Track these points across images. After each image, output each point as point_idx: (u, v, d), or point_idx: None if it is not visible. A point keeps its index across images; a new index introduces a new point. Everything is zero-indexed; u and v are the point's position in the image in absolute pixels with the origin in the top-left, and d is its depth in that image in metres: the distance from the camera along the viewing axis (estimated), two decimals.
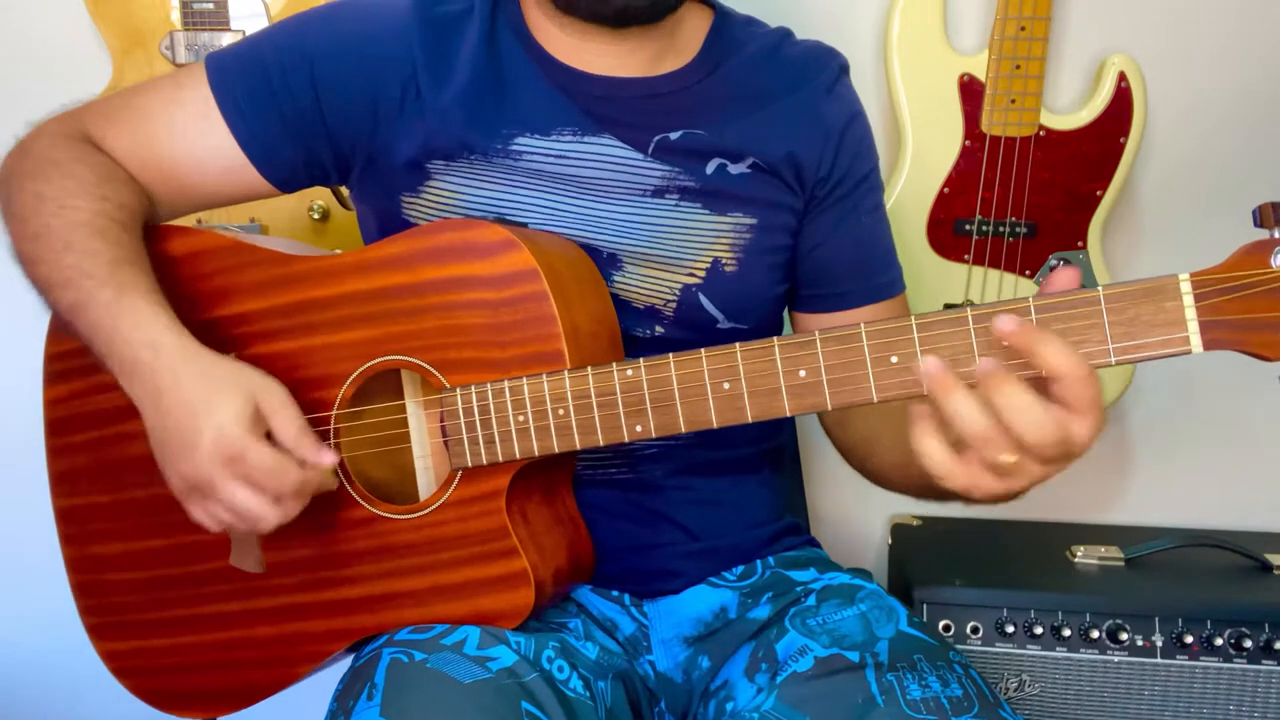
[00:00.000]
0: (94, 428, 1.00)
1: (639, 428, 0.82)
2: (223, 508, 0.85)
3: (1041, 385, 0.69)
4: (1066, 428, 0.68)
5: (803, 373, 0.77)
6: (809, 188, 1.01)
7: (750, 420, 0.79)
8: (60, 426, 1.03)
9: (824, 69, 1.03)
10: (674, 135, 0.97)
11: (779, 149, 0.99)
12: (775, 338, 0.78)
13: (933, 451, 0.71)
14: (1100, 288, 0.70)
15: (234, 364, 0.87)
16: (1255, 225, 0.69)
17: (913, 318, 0.73)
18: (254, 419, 0.84)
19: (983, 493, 0.72)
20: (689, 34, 1.01)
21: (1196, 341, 0.69)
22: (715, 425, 0.80)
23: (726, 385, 0.79)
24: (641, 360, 0.82)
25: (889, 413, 0.95)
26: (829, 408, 0.77)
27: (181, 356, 0.85)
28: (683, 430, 0.81)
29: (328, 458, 0.86)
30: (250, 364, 0.90)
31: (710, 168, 0.98)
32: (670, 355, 0.81)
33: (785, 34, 1.05)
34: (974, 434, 0.69)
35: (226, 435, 0.82)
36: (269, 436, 0.85)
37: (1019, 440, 0.68)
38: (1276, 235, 0.68)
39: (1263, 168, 1.47)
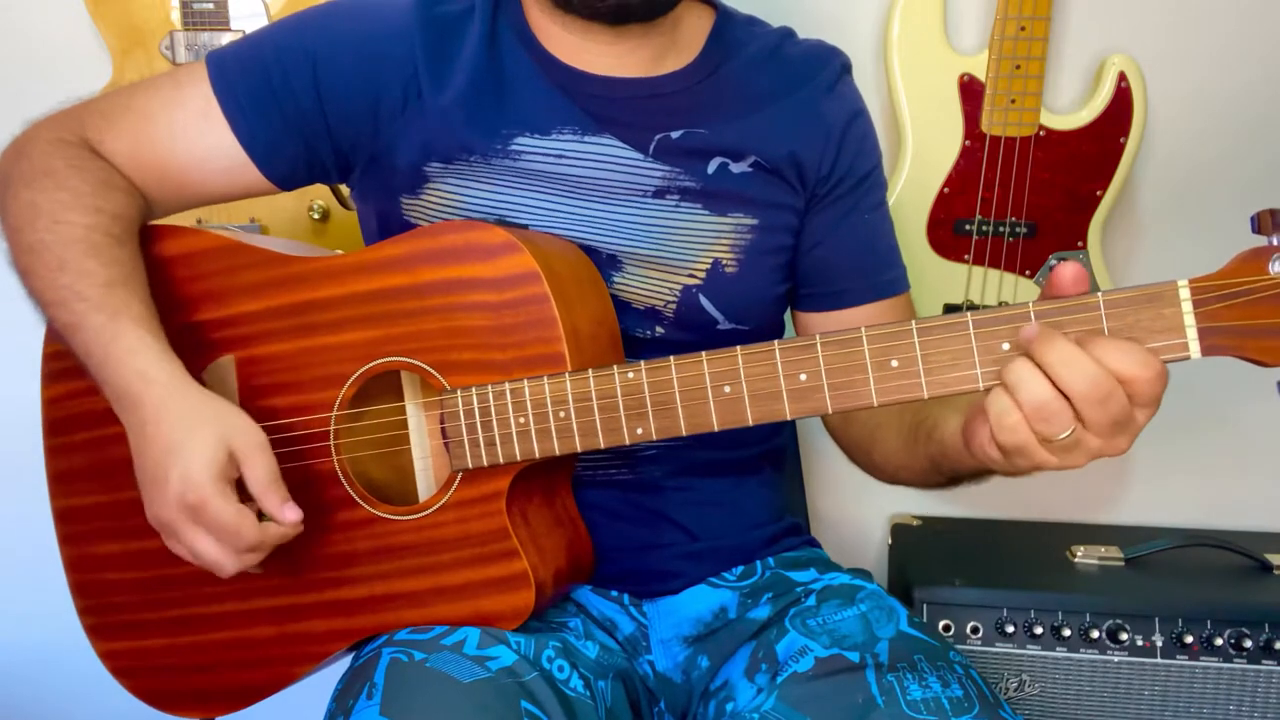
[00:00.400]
0: (92, 427, 1.00)
1: (640, 430, 0.82)
2: (185, 550, 0.87)
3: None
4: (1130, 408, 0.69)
5: (803, 376, 0.77)
6: (810, 187, 1.01)
7: (751, 424, 0.79)
8: (59, 426, 1.03)
9: (825, 68, 1.03)
10: (675, 135, 0.97)
11: (781, 148, 0.99)
12: (776, 341, 0.78)
13: (998, 398, 0.71)
14: (1100, 293, 0.70)
15: (218, 404, 0.87)
16: (1253, 232, 0.69)
17: (913, 323, 0.74)
18: (225, 465, 0.84)
19: (1028, 459, 0.72)
20: (690, 34, 1.01)
21: (1195, 347, 0.69)
22: (716, 428, 0.80)
23: (727, 388, 0.79)
24: (643, 363, 0.82)
25: (886, 414, 0.96)
26: (829, 411, 0.77)
27: (169, 391, 0.86)
28: (683, 433, 0.81)
29: (290, 514, 0.86)
30: (250, 369, 0.90)
31: (712, 167, 0.98)
32: (671, 358, 0.81)
33: (787, 33, 1.05)
34: (1032, 406, 0.69)
35: (191, 483, 0.83)
36: (241, 481, 0.86)
37: (1079, 404, 0.68)
38: (1274, 242, 0.68)
39: (1263, 167, 1.47)
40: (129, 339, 0.87)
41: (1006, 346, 0.72)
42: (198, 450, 0.84)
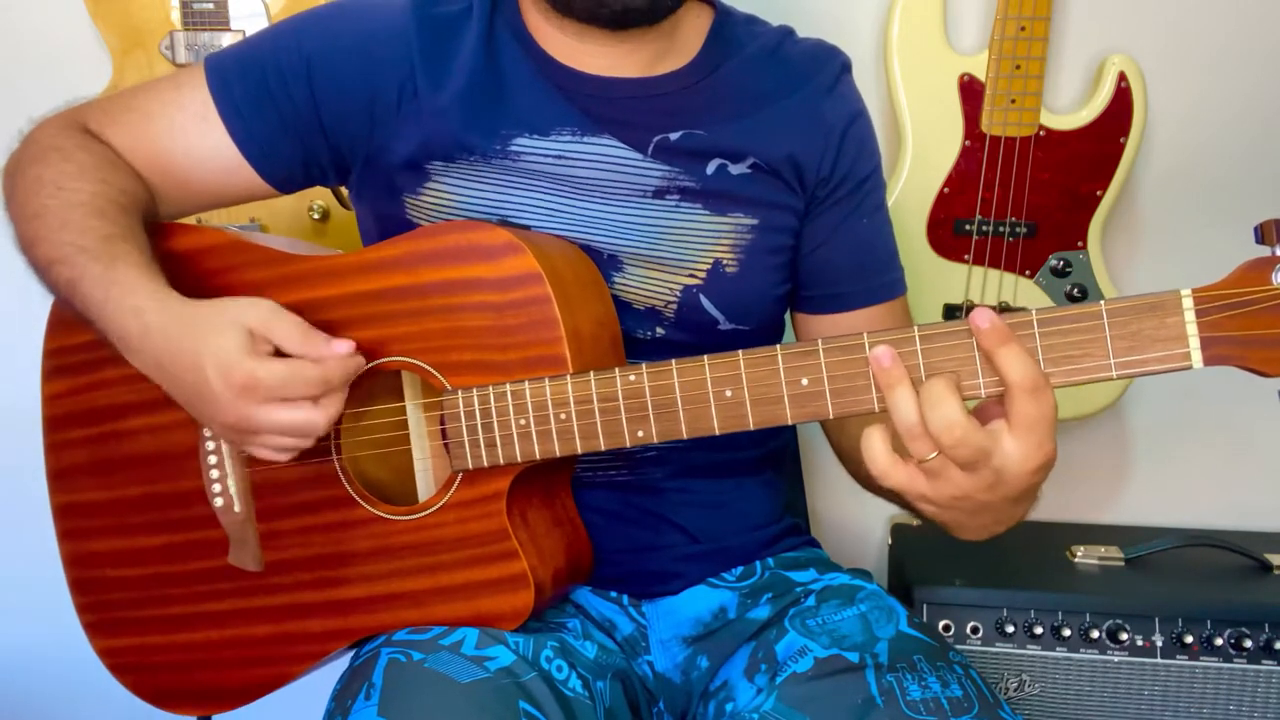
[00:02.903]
0: (92, 424, 1.00)
1: (641, 433, 0.82)
2: (272, 434, 0.84)
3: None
4: (997, 439, 0.71)
5: (805, 381, 0.77)
6: (810, 188, 1.01)
7: (752, 428, 0.79)
8: (59, 423, 1.03)
9: (825, 68, 1.03)
10: (674, 135, 0.97)
11: (780, 149, 0.99)
12: (778, 345, 0.78)
13: (873, 444, 0.73)
14: (1103, 302, 0.70)
15: (212, 304, 0.86)
16: (1256, 242, 0.69)
17: (916, 328, 0.74)
18: (251, 343, 0.83)
19: (916, 494, 0.75)
20: (689, 33, 1.01)
21: (1197, 357, 0.69)
22: (717, 431, 0.80)
23: (729, 392, 0.79)
24: (644, 365, 0.82)
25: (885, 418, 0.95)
26: (831, 416, 0.77)
27: (164, 314, 0.85)
28: (685, 436, 0.81)
29: (342, 346, 0.85)
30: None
31: (710, 168, 0.98)
32: (673, 361, 0.81)
33: (787, 33, 1.05)
34: (904, 426, 0.72)
35: (231, 368, 0.81)
36: (278, 352, 0.84)
37: (934, 437, 0.71)
38: (1278, 253, 0.68)
39: (1263, 167, 1.47)
40: (126, 281, 0.86)
41: (976, 339, 0.72)
42: (219, 343, 0.82)
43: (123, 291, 0.86)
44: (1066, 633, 1.27)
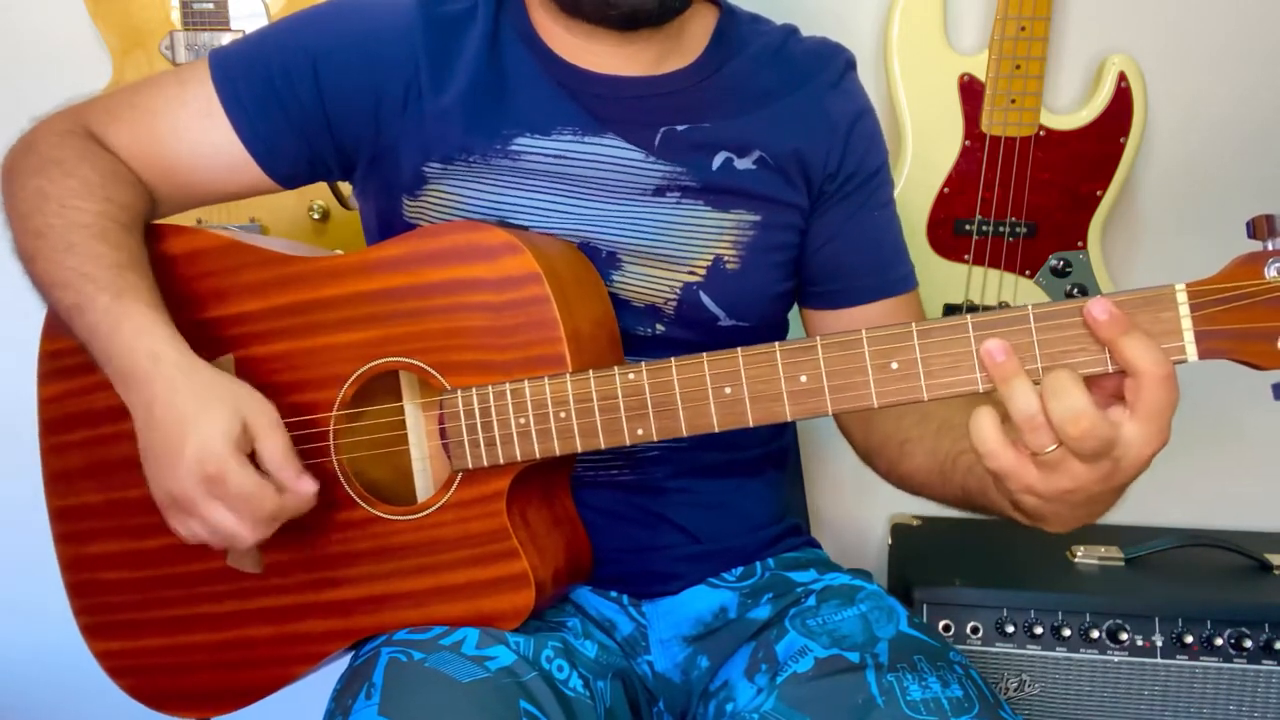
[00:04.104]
0: (89, 427, 1.00)
1: (641, 431, 0.82)
2: (200, 524, 0.86)
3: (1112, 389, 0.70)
4: (1118, 428, 0.68)
5: (804, 378, 0.77)
6: (816, 185, 1.01)
7: (751, 425, 0.79)
8: (55, 425, 1.03)
9: (829, 65, 1.03)
10: (680, 128, 0.97)
11: (785, 145, 0.99)
12: (777, 343, 0.78)
13: (983, 424, 0.70)
14: (1099, 296, 0.70)
15: (230, 381, 0.87)
16: (1249, 237, 0.70)
17: (913, 325, 0.74)
18: (240, 438, 0.84)
19: (1023, 485, 0.71)
20: (694, 32, 1.01)
21: (1192, 351, 0.70)
22: (717, 429, 0.80)
23: (728, 390, 0.79)
24: (644, 364, 0.82)
25: (925, 416, 0.95)
26: (830, 413, 0.77)
27: (179, 369, 0.85)
28: (684, 434, 0.81)
29: (308, 486, 0.86)
30: (250, 368, 0.89)
31: (716, 162, 0.98)
32: (672, 359, 0.81)
33: (791, 31, 1.05)
34: (1023, 416, 0.69)
35: (211, 453, 0.82)
36: (255, 455, 0.85)
37: (1058, 428, 0.68)
38: (1270, 247, 0.69)
39: (1263, 167, 1.47)
40: (138, 319, 0.87)
41: (1095, 329, 0.71)
42: (213, 423, 0.83)
43: (134, 329, 0.86)
44: (1066, 633, 1.27)
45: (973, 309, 1.42)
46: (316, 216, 1.43)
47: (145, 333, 0.86)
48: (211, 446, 0.82)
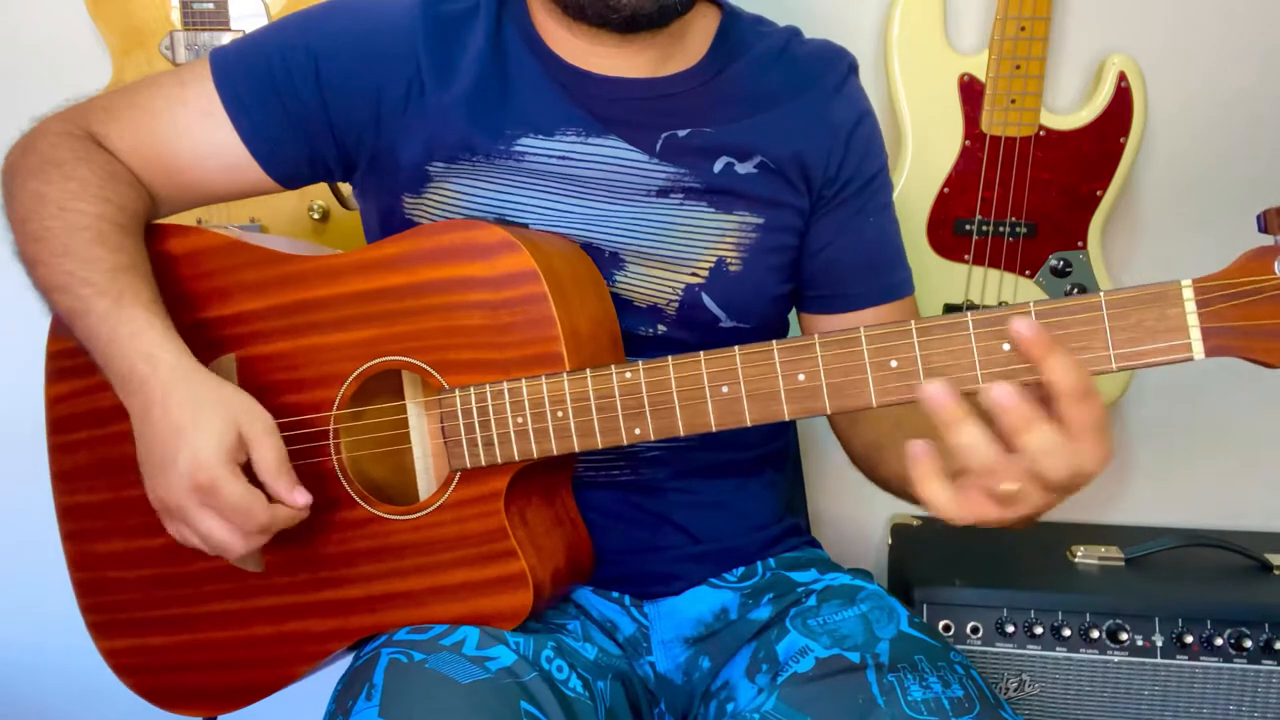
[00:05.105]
0: (95, 425, 1.00)
1: (638, 430, 0.82)
2: (191, 533, 0.86)
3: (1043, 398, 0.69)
4: (1079, 455, 0.68)
5: (801, 377, 0.77)
6: (816, 189, 1.01)
7: (749, 424, 0.79)
8: (62, 424, 1.03)
9: (832, 69, 1.03)
10: (681, 133, 0.97)
11: (786, 149, 0.99)
12: (774, 341, 0.78)
13: (936, 496, 0.71)
14: (1103, 293, 0.70)
15: (227, 388, 0.87)
16: (1260, 230, 0.68)
17: (912, 323, 0.73)
18: (234, 447, 0.84)
19: (982, 523, 0.72)
20: (696, 34, 1.01)
21: (1199, 348, 0.69)
22: (714, 429, 0.80)
23: (725, 389, 0.79)
24: (640, 363, 0.82)
25: (899, 422, 0.95)
26: (828, 412, 0.77)
27: (176, 374, 0.85)
28: (681, 433, 0.81)
29: (300, 498, 0.86)
30: (250, 368, 0.89)
31: (717, 166, 0.98)
32: (669, 358, 0.81)
33: (793, 33, 1.05)
34: (981, 465, 0.68)
35: (203, 463, 0.82)
36: (250, 464, 0.85)
37: (1039, 475, 0.67)
38: None
39: (1263, 167, 1.47)
40: (135, 322, 0.87)
41: (1006, 347, 0.72)
42: (207, 432, 0.83)
43: (130, 332, 0.86)
44: (1066, 633, 1.27)
45: (973, 309, 1.41)
46: (316, 216, 1.43)
47: (141, 336, 0.86)
48: (204, 457, 0.82)
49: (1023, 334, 0.68)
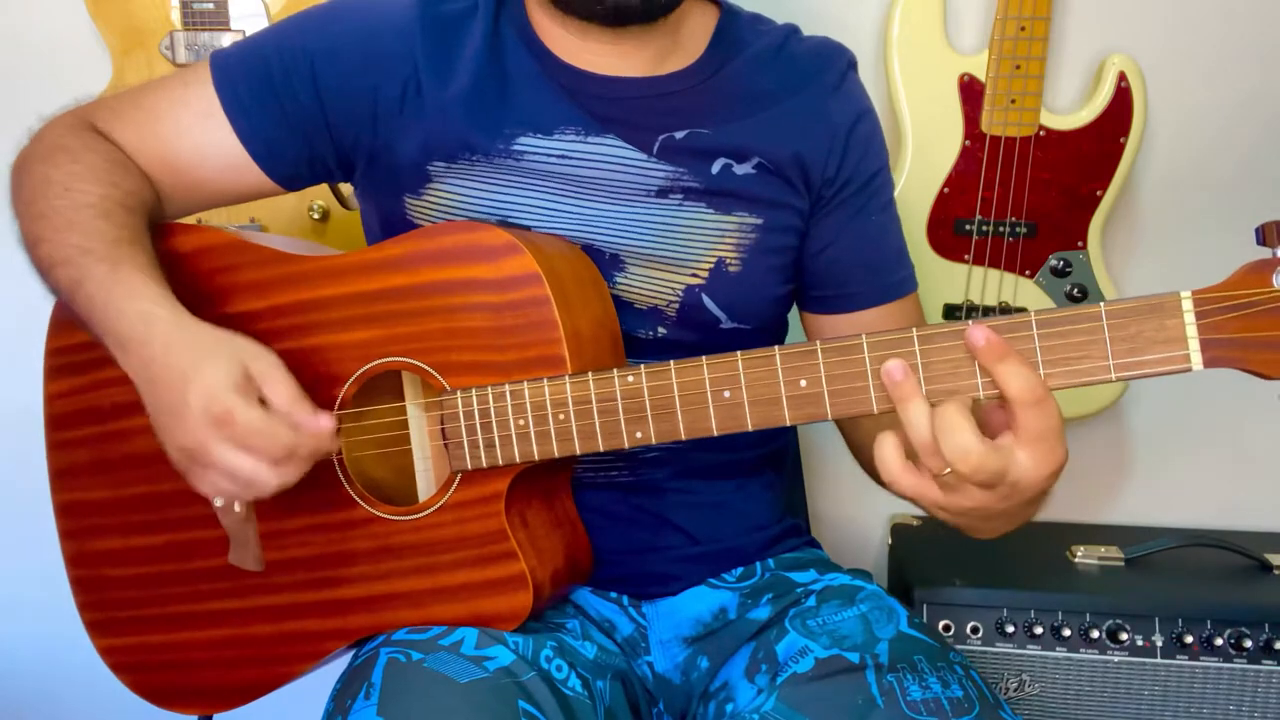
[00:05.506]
0: (94, 423, 1.00)
1: (639, 434, 0.82)
2: (219, 474, 0.83)
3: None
4: (1009, 455, 0.71)
5: (803, 382, 0.77)
6: (816, 188, 1.01)
7: (750, 429, 0.79)
8: (61, 422, 1.03)
9: (831, 66, 1.03)
10: (679, 135, 0.97)
11: (785, 149, 0.99)
12: (776, 347, 0.78)
13: (886, 453, 0.74)
14: (1103, 304, 0.70)
15: (225, 333, 0.85)
16: (1258, 244, 0.69)
17: (914, 330, 0.74)
18: (243, 383, 0.82)
19: (930, 503, 0.75)
20: (694, 33, 1.01)
21: (1197, 359, 0.69)
22: (715, 433, 0.80)
23: (727, 393, 0.79)
24: (643, 367, 0.82)
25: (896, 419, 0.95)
26: (829, 418, 0.77)
27: (173, 326, 0.84)
28: (683, 437, 0.81)
29: (324, 421, 0.83)
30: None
31: (715, 168, 0.98)
32: (671, 362, 0.81)
33: (792, 31, 1.05)
34: (918, 442, 0.72)
35: (214, 397, 0.80)
36: (263, 403, 0.83)
37: (950, 463, 0.71)
38: (1279, 254, 0.68)
39: (1263, 167, 1.47)
40: (132, 282, 0.86)
41: (975, 356, 0.72)
42: (214, 369, 0.81)
43: (126, 293, 0.85)
44: (1066, 633, 1.27)
45: (973, 309, 1.42)
46: (316, 216, 1.43)
47: (137, 295, 0.85)
48: (215, 390, 0.80)
49: (976, 343, 0.71)
